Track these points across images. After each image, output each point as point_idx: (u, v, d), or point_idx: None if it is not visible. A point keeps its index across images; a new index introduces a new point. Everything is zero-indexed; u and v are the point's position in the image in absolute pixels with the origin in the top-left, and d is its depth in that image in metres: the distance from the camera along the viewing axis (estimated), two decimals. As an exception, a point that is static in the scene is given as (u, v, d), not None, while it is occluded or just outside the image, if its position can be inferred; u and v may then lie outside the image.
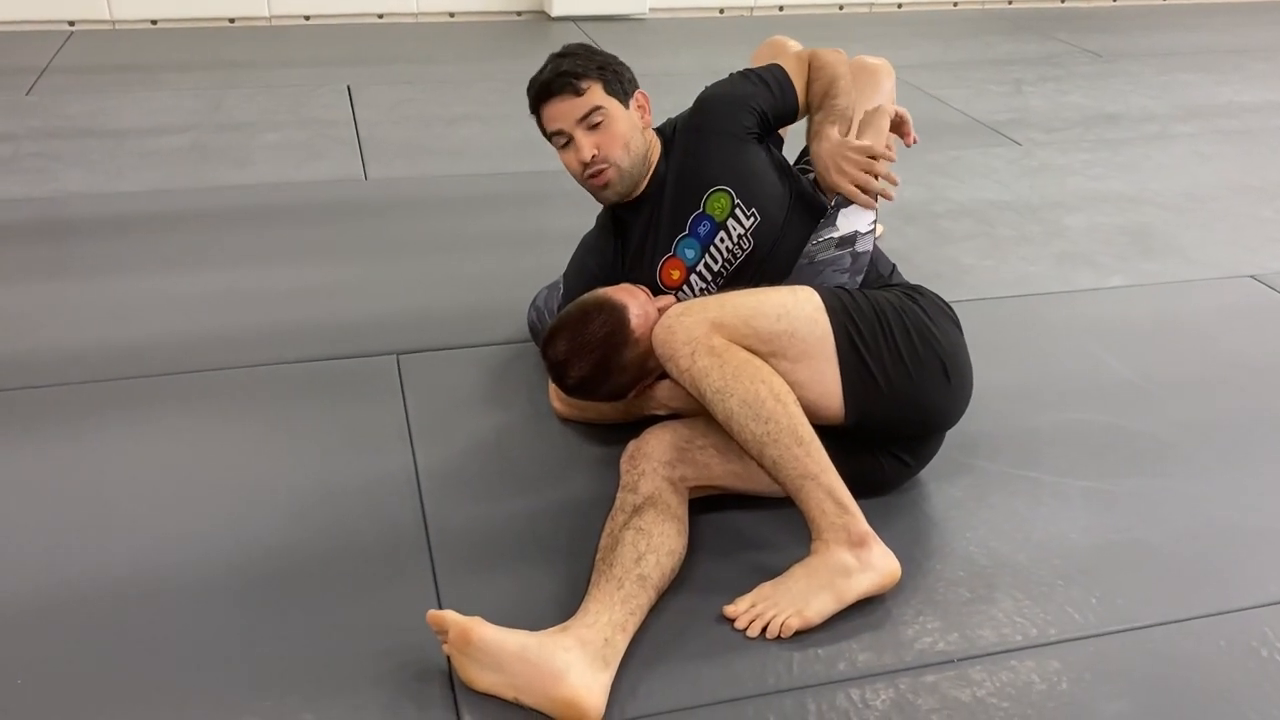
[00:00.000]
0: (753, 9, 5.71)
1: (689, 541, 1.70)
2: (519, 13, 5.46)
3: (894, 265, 2.00)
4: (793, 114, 2.09)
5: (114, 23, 5.00)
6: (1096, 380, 2.29)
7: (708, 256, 1.99)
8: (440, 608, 1.52)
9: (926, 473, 1.94)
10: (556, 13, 5.34)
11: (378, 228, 2.96)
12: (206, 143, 3.55)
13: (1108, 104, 4.24)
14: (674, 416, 1.89)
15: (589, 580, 1.59)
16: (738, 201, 1.96)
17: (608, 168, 1.95)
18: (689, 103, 2.10)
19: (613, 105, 1.94)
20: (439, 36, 5.07)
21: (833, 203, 1.92)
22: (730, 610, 1.62)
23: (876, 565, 1.62)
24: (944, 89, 4.35)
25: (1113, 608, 1.66)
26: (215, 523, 1.80)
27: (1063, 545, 1.80)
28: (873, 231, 1.89)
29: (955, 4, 6.01)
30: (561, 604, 1.61)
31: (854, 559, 1.61)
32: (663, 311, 1.79)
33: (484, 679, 1.46)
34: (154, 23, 5.04)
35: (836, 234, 1.88)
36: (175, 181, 3.24)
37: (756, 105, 2.02)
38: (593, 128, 1.93)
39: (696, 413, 1.82)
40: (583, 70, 1.92)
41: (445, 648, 1.49)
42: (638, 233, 2.05)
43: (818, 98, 2.04)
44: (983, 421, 2.05)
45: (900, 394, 1.74)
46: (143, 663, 1.52)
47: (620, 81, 1.98)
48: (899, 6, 5.92)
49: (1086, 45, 5.17)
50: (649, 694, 1.49)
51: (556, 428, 2.09)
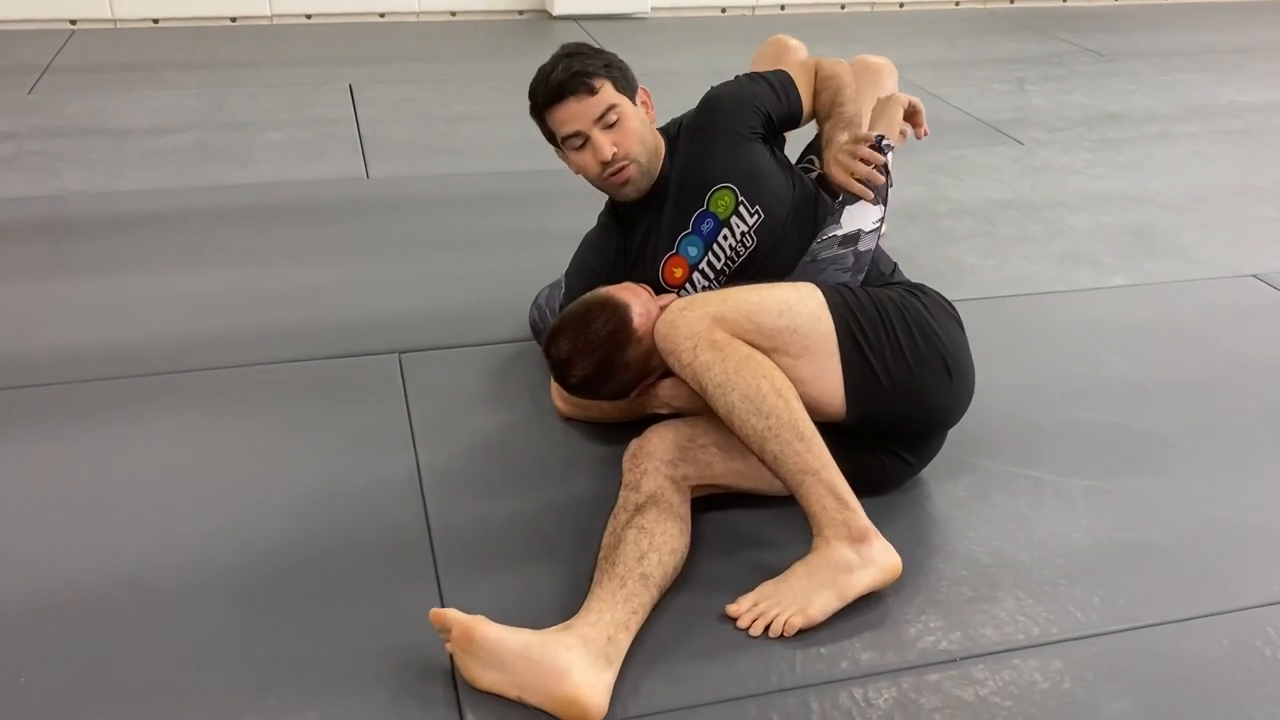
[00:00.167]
0: (754, 8, 5.71)
1: (691, 540, 1.69)
2: (520, 12, 5.46)
3: (895, 264, 2.00)
4: (796, 118, 2.09)
5: (115, 22, 5.01)
6: (1098, 379, 2.29)
7: (711, 254, 1.99)
8: (443, 606, 1.52)
9: (928, 471, 1.94)
10: (558, 11, 5.34)
11: (379, 227, 2.96)
12: (208, 142, 3.55)
13: (1110, 103, 4.24)
14: (676, 415, 1.89)
15: (591, 579, 1.59)
16: (742, 199, 1.96)
17: (629, 164, 1.94)
18: (691, 102, 2.10)
19: (624, 103, 1.94)
20: (440, 35, 5.08)
21: (838, 200, 1.93)
22: (733, 609, 1.62)
23: (878, 560, 1.62)
24: (946, 88, 4.34)
25: (1115, 607, 1.66)
26: (216, 522, 1.80)
27: (1065, 544, 1.80)
28: (877, 230, 1.89)
29: (957, 3, 6.00)
30: (564, 603, 1.61)
31: (855, 554, 1.61)
32: (665, 309, 1.78)
33: (487, 678, 1.46)
34: (156, 22, 5.05)
35: (840, 232, 1.88)
36: (177, 180, 3.24)
37: (762, 106, 2.03)
38: (609, 126, 1.92)
39: (699, 411, 1.82)
40: (594, 69, 1.91)
41: (448, 646, 1.49)
42: (641, 231, 2.05)
43: (825, 107, 2.06)
44: (985, 420, 2.05)
45: (902, 391, 1.74)
46: (144, 662, 1.52)
47: (626, 78, 1.98)
48: (901, 5, 5.91)
49: (1089, 45, 5.17)
50: (651, 693, 1.49)
51: (559, 426, 2.09)
